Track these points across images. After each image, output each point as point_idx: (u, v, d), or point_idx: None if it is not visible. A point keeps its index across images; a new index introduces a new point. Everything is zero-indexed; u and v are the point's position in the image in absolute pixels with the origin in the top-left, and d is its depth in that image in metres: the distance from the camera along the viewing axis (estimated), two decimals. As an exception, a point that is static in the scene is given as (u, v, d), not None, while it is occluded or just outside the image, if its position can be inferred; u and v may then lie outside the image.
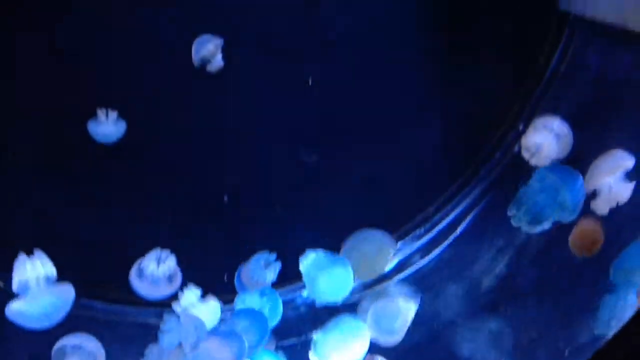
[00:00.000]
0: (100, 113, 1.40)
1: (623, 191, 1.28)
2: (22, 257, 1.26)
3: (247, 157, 1.52)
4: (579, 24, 1.51)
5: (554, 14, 1.52)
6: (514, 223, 1.31)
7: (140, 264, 1.35)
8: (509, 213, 1.30)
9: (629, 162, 1.29)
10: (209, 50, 1.39)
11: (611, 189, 1.29)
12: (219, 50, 1.39)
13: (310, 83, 1.48)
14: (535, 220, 1.30)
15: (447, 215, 1.60)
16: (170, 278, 1.35)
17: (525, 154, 1.41)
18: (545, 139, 1.40)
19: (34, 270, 1.25)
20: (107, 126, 1.40)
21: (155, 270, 1.34)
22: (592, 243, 1.30)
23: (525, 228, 1.32)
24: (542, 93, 1.56)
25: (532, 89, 1.56)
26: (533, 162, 1.40)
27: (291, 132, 1.52)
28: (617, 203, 1.29)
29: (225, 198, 1.51)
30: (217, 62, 1.40)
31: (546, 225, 1.30)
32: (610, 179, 1.29)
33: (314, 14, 1.46)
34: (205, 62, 1.39)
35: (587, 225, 1.31)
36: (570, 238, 1.33)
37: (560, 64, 1.54)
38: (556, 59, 1.54)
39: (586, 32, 1.51)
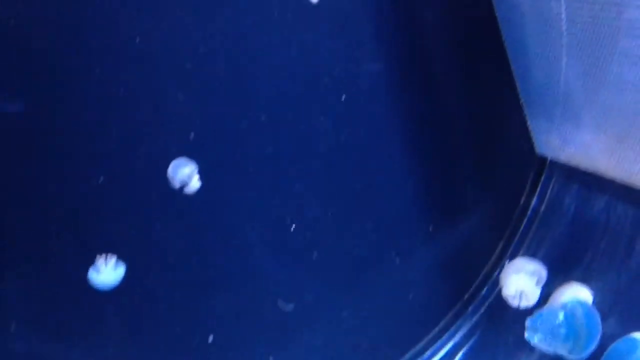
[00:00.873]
0: (100, 261, 1.42)
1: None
2: None
3: (231, 296, 1.53)
4: (556, 167, 1.59)
5: (533, 159, 1.59)
6: (526, 335, 1.32)
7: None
8: (526, 324, 1.32)
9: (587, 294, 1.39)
10: (185, 173, 1.43)
11: None
12: (195, 173, 1.43)
13: (293, 229, 1.52)
14: (546, 339, 1.31)
15: (436, 353, 1.60)
16: None
17: (513, 302, 1.44)
18: (524, 282, 1.44)
19: None
20: (107, 274, 1.42)
21: None
22: None
23: (534, 342, 1.32)
24: (524, 232, 1.61)
25: (515, 229, 1.62)
26: (522, 306, 1.43)
27: (271, 274, 1.54)
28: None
29: (211, 338, 1.52)
30: (194, 184, 1.43)
31: (552, 348, 1.32)
32: None
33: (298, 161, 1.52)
34: (183, 184, 1.43)
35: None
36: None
37: (540, 205, 1.60)
38: (536, 201, 1.61)
39: (563, 176, 1.58)
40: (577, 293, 1.39)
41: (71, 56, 1.38)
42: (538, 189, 1.61)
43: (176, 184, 1.43)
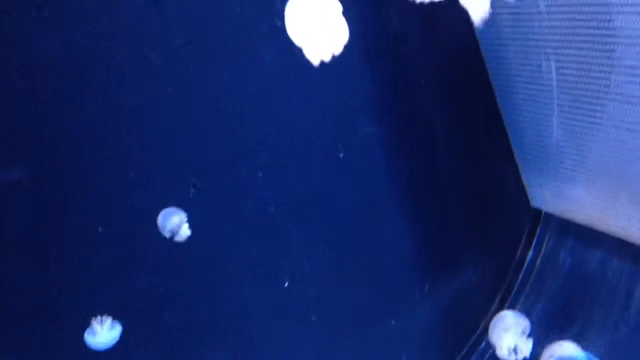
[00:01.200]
0: (95, 323, 1.43)
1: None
2: None
3: (225, 354, 1.53)
4: (551, 221, 1.60)
5: (528, 212, 1.60)
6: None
7: None
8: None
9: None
10: (174, 222, 1.42)
11: None
12: (184, 221, 1.42)
13: (286, 285, 1.52)
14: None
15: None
16: None
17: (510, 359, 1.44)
18: (513, 338, 1.43)
19: None
20: (103, 335, 1.42)
21: None
22: None
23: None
24: (521, 286, 1.61)
25: (511, 283, 1.62)
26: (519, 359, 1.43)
27: (265, 333, 1.54)
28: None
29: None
30: (184, 232, 1.42)
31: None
32: None
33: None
34: (173, 233, 1.44)
35: None
36: None
37: (536, 259, 1.61)
38: (531, 255, 1.61)
39: (558, 229, 1.59)
40: (570, 348, 1.38)
41: (70, 112, 1.39)
42: (533, 242, 1.61)
43: (166, 233, 1.44)
